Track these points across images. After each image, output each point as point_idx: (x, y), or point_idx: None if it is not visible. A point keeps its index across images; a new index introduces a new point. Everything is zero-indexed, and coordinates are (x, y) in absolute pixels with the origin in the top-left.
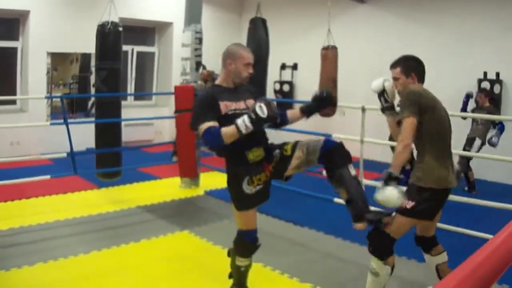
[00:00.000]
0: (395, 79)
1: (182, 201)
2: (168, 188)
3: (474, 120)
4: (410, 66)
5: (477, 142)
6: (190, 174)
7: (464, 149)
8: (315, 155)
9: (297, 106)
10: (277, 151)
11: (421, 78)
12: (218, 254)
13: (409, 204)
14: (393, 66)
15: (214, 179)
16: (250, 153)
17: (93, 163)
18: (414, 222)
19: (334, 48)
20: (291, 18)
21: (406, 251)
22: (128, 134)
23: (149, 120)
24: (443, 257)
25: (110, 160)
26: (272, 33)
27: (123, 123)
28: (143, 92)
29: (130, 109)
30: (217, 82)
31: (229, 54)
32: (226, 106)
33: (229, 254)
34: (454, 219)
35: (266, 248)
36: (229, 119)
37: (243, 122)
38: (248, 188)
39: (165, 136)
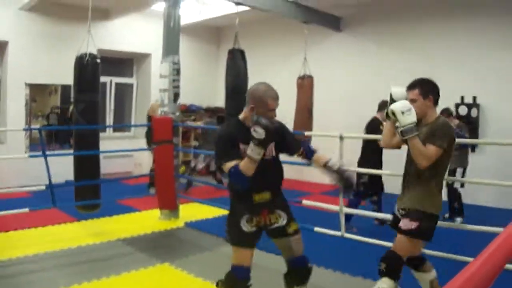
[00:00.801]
0: (412, 100)
1: (162, 233)
2: (148, 220)
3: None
4: (428, 89)
5: (459, 171)
6: (170, 206)
7: (448, 182)
8: (285, 256)
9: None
10: (284, 218)
11: (436, 100)
12: (200, 286)
13: (414, 225)
14: (411, 87)
15: (194, 211)
16: (257, 194)
17: (72, 196)
18: (419, 244)
19: (309, 77)
20: (268, 48)
21: None
22: (107, 166)
23: (128, 152)
24: (434, 272)
25: (89, 193)
26: (250, 63)
27: (102, 155)
28: (121, 124)
29: (109, 141)
30: (240, 117)
31: (254, 98)
32: (242, 148)
33: (217, 285)
34: (440, 244)
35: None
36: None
37: (251, 150)
38: (245, 226)
39: (144, 168)
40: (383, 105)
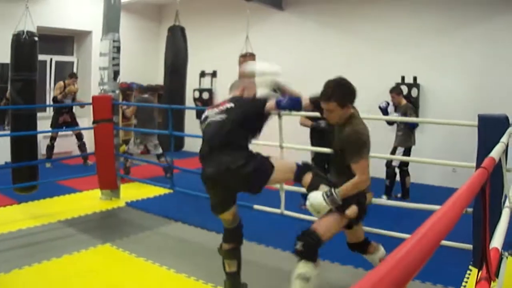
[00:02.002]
0: (329, 111)
1: (103, 214)
2: (89, 201)
3: (397, 127)
4: (344, 98)
5: (399, 150)
6: (110, 186)
7: (388, 159)
8: None
9: None
10: None
11: (353, 102)
12: (142, 266)
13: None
14: (326, 99)
15: (135, 190)
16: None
17: (10, 178)
18: (342, 220)
19: (251, 55)
20: (210, 26)
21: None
22: (46, 146)
23: (67, 132)
24: (382, 250)
25: (27, 174)
26: (191, 41)
27: (41, 135)
28: (61, 104)
29: (48, 121)
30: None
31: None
32: None
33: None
34: (382, 222)
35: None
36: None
37: None
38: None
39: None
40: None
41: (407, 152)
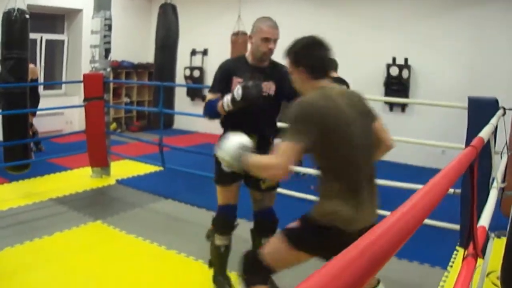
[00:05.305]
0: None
1: (93, 191)
2: (79, 179)
3: None
4: (298, 55)
5: None
6: (101, 163)
7: None
8: (254, 208)
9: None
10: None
11: (315, 70)
12: (133, 243)
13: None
14: (285, 54)
15: (125, 168)
16: None
17: (1, 157)
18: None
19: (243, 34)
20: (201, 4)
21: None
22: (38, 125)
23: (58, 110)
24: None
25: (18, 153)
26: (182, 19)
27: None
28: (51, 81)
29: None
30: (246, 54)
31: (252, 27)
32: (237, 82)
33: (208, 237)
34: None
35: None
36: None
37: (226, 100)
38: (225, 167)
39: (75, 125)
40: None
41: None
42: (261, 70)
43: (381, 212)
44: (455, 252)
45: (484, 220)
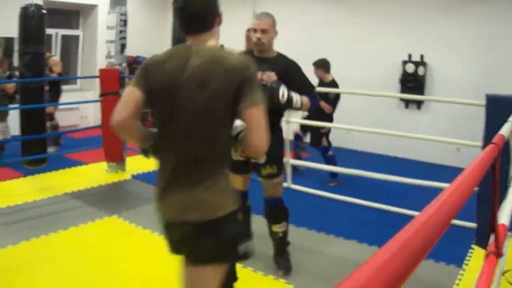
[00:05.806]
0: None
1: (109, 186)
2: (95, 174)
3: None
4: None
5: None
6: (116, 158)
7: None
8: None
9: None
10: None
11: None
12: (148, 238)
13: None
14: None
15: (141, 163)
16: None
17: (19, 151)
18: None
19: None
20: None
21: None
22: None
23: (74, 105)
24: None
25: (36, 147)
26: None
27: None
28: (67, 76)
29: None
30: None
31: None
32: None
33: None
34: (377, 197)
35: None
36: None
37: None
38: (233, 154)
39: (91, 120)
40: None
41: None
42: (265, 61)
43: (399, 210)
44: (470, 251)
45: (504, 217)
